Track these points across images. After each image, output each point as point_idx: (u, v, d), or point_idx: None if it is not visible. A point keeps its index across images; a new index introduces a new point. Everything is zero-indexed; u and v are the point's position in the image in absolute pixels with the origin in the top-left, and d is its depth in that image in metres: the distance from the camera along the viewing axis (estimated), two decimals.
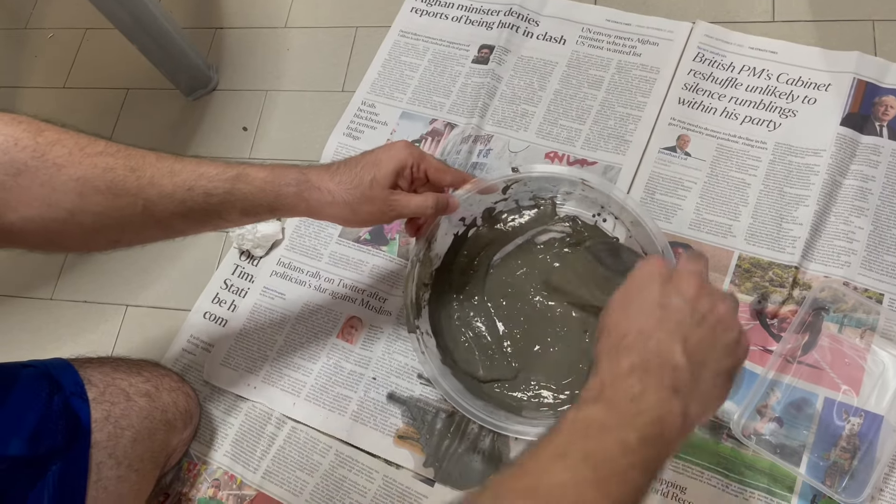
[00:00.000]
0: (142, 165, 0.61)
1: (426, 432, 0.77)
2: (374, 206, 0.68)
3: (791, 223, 0.80)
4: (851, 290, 0.75)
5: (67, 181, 0.58)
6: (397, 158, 0.69)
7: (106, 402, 0.70)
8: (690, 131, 0.88)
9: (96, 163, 0.59)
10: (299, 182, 0.66)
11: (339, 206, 0.67)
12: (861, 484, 0.66)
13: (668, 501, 0.69)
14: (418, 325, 0.75)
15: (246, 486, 0.79)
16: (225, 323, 0.90)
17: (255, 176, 0.65)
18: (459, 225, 0.83)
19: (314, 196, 0.67)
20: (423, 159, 0.71)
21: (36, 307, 1.00)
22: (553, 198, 0.83)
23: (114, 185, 0.59)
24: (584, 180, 0.77)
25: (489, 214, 0.84)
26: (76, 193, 0.58)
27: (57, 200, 0.58)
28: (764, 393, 0.72)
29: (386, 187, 0.68)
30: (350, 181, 0.67)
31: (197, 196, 0.63)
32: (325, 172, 0.68)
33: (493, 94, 0.97)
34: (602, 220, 0.82)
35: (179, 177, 0.62)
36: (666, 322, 0.48)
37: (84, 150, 0.59)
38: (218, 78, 1.11)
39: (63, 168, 0.58)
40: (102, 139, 0.61)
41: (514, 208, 0.84)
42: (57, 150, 0.58)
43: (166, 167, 0.62)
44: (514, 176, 0.79)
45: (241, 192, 0.64)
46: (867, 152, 0.82)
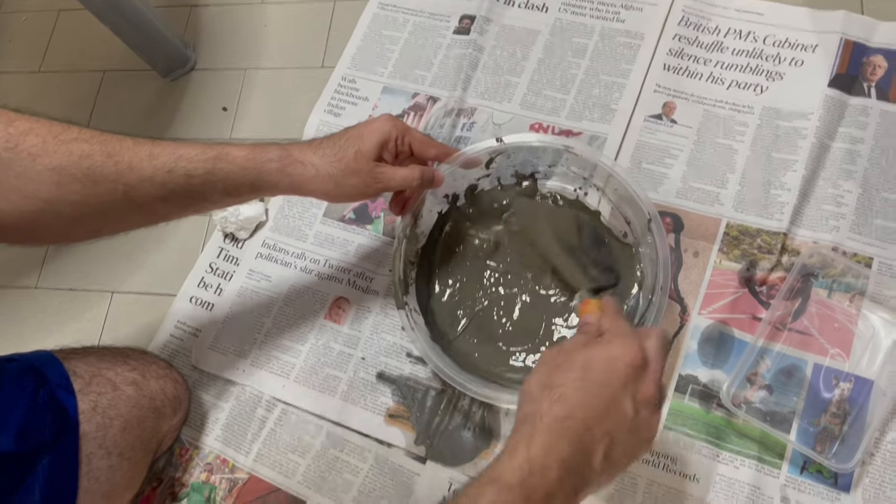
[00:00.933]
0: (119, 150, 0.59)
1: (416, 410, 0.77)
2: (359, 179, 0.67)
3: (779, 189, 0.79)
4: (840, 254, 0.75)
5: (43, 171, 0.56)
6: (381, 131, 0.68)
7: (93, 392, 0.69)
8: (676, 98, 0.87)
9: (72, 150, 0.57)
10: (281, 157, 0.65)
11: (322, 180, 0.66)
12: (851, 449, 0.66)
13: (660, 472, 0.70)
14: (406, 301, 0.75)
15: (238, 469, 0.79)
16: (212, 307, 0.89)
17: (236, 154, 0.64)
18: (443, 202, 0.82)
19: (297, 171, 0.66)
20: (407, 132, 0.70)
21: (20, 296, 0.99)
22: (534, 173, 0.82)
23: (91, 171, 0.58)
24: (567, 147, 0.76)
25: (472, 192, 0.83)
26: (53, 183, 0.57)
27: (34, 191, 0.56)
28: (753, 361, 0.72)
29: (370, 160, 0.67)
30: (334, 154, 0.66)
31: (178, 178, 0.61)
32: (308, 147, 0.67)
33: (475, 65, 0.95)
34: (584, 195, 0.81)
35: (158, 160, 0.61)
36: (608, 420, 0.49)
37: (58, 137, 0.57)
38: (195, 57, 1.09)
39: (38, 157, 0.56)
40: (76, 126, 0.60)
41: (496, 186, 0.83)
42: (30, 140, 0.56)
43: (144, 151, 0.60)
44: (498, 147, 0.77)
45: (223, 171, 0.63)
46: (855, 114, 0.81)
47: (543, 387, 0.51)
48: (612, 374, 0.51)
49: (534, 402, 0.51)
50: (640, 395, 0.51)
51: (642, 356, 0.52)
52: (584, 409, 0.49)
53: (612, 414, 0.50)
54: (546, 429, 0.49)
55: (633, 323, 0.72)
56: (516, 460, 0.48)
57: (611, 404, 0.50)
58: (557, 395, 0.50)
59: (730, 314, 0.75)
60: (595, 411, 0.49)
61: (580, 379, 0.51)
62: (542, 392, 0.51)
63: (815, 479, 0.67)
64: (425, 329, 0.75)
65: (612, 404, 0.50)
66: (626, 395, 0.50)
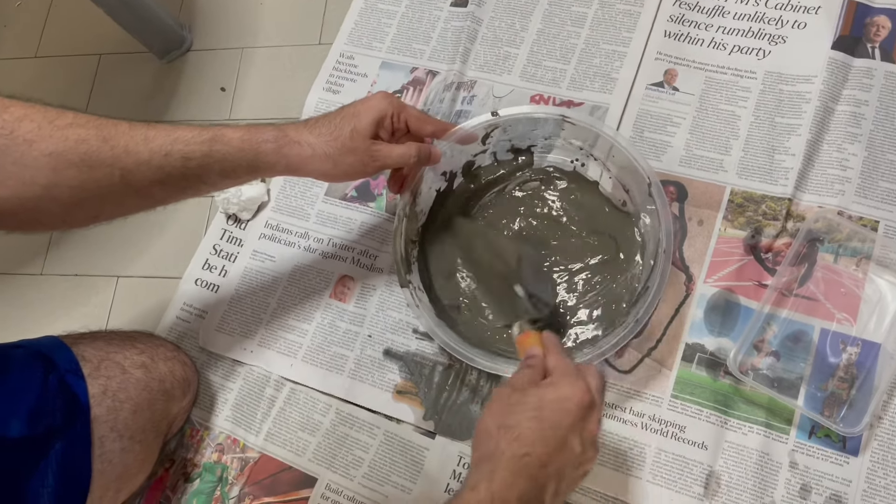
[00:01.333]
0: (114, 135, 0.59)
1: (424, 386, 0.77)
2: (356, 158, 0.67)
3: (783, 154, 0.79)
4: (846, 219, 0.74)
5: (39, 157, 0.56)
6: (377, 108, 0.68)
7: (102, 376, 0.70)
8: (677, 65, 0.86)
9: (67, 135, 0.57)
10: (277, 138, 0.65)
11: (319, 160, 0.66)
12: (860, 413, 0.66)
13: (668, 441, 0.70)
14: (410, 279, 0.74)
15: (249, 448, 0.79)
16: (217, 289, 0.89)
17: (232, 136, 0.64)
18: (441, 180, 0.81)
19: (294, 151, 0.66)
20: (402, 109, 0.70)
21: (27, 283, 0.99)
22: (531, 147, 0.81)
23: (88, 156, 0.58)
24: (564, 116, 0.76)
25: (469, 169, 0.82)
26: (50, 168, 0.57)
27: (31, 177, 0.56)
28: (760, 328, 0.72)
29: (367, 137, 0.67)
30: (330, 133, 0.66)
31: (174, 161, 0.61)
32: (304, 127, 0.67)
33: (473, 37, 0.94)
34: (581, 166, 0.80)
35: (154, 143, 0.60)
36: (560, 457, 0.53)
37: (53, 123, 0.57)
38: (192, 38, 1.08)
39: (34, 143, 0.56)
40: (71, 110, 0.59)
41: (493, 162, 0.83)
42: (25, 126, 0.56)
43: (140, 134, 0.60)
44: (494, 120, 0.77)
45: (219, 153, 0.63)
46: (859, 76, 0.80)
47: (500, 427, 0.54)
48: (563, 414, 0.54)
49: (492, 440, 0.54)
50: (587, 433, 0.55)
51: (590, 397, 0.55)
52: (540, 447, 0.52)
53: (563, 451, 0.53)
54: (506, 466, 0.52)
55: (639, 288, 0.72)
56: (479, 495, 0.50)
57: (562, 443, 0.53)
58: (515, 435, 0.53)
59: (735, 282, 0.74)
60: (549, 449, 0.53)
61: (534, 419, 0.54)
62: (499, 432, 0.54)
63: (824, 443, 0.67)
64: (430, 306, 0.75)
65: (563, 443, 0.53)
66: (574, 434, 0.54)
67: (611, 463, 0.70)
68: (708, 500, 0.67)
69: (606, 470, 0.70)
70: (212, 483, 0.79)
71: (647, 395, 0.72)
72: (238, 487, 0.78)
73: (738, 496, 0.67)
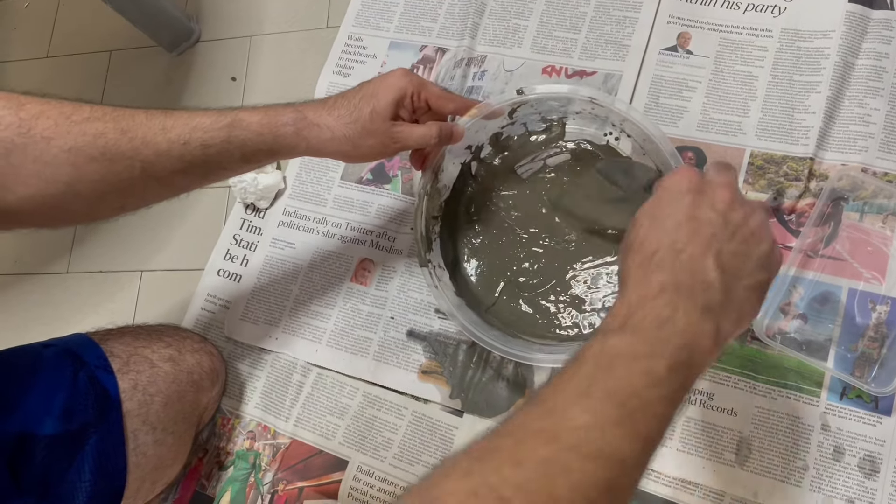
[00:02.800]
0: (132, 126, 0.59)
1: (449, 365, 0.77)
2: (376, 140, 0.65)
3: (803, 113, 0.77)
4: (870, 175, 0.73)
5: (59, 153, 0.56)
6: (396, 87, 0.66)
7: (131, 371, 0.70)
8: (691, 27, 0.84)
9: (85, 130, 0.57)
10: (296, 121, 0.64)
11: (339, 142, 0.65)
12: (891, 372, 0.65)
13: (697, 409, 0.69)
14: (430, 258, 0.74)
15: (280, 434, 0.80)
16: (239, 278, 0.90)
17: (250, 120, 0.63)
18: (466, 153, 0.80)
19: (313, 133, 0.64)
20: (423, 87, 0.68)
21: (53, 282, 1.00)
22: (563, 118, 0.80)
23: (107, 150, 0.58)
24: (593, 99, 0.73)
25: (496, 140, 0.81)
26: (70, 164, 0.56)
27: (52, 174, 0.56)
28: (786, 291, 0.71)
29: (387, 119, 0.65)
30: (349, 115, 0.65)
31: (194, 149, 0.61)
32: (322, 108, 0.66)
33: (481, 11, 0.93)
34: (615, 139, 0.78)
35: (173, 132, 0.60)
36: (698, 235, 0.45)
37: (70, 118, 0.57)
38: (200, 29, 1.08)
39: (52, 140, 0.56)
40: (87, 104, 0.59)
41: (523, 132, 0.81)
42: (42, 123, 0.56)
43: (157, 124, 0.60)
44: (519, 99, 0.75)
45: (239, 138, 0.62)
46: (879, 28, 0.78)
47: (626, 248, 0.48)
48: (674, 202, 0.47)
49: (622, 262, 0.48)
50: (718, 202, 0.47)
51: (695, 174, 0.48)
52: (666, 237, 0.46)
53: (698, 230, 0.45)
54: (632, 274, 0.46)
55: None
56: (614, 311, 0.45)
57: (692, 223, 0.46)
58: (637, 245, 0.47)
59: None
60: (678, 235, 0.45)
61: (651, 221, 0.47)
62: (626, 252, 0.48)
63: (856, 404, 0.66)
64: (450, 284, 0.75)
65: (693, 222, 0.46)
66: (701, 208, 0.46)
67: None
68: (740, 466, 0.67)
69: None
70: (245, 470, 0.80)
71: None
72: (271, 473, 0.79)
73: (770, 461, 0.66)
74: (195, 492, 0.81)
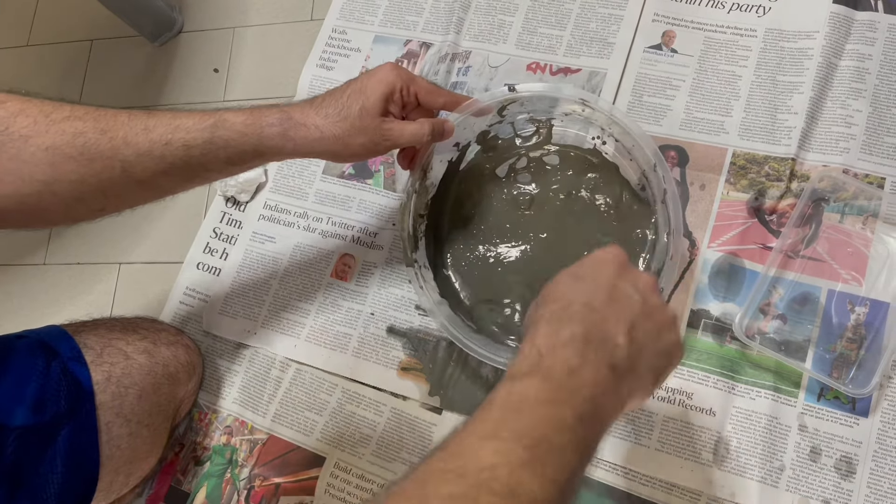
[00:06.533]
0: (113, 126, 0.58)
1: (428, 362, 0.77)
2: (367, 138, 0.63)
3: (786, 113, 0.77)
4: (851, 177, 0.73)
5: (36, 152, 0.55)
6: (385, 82, 0.64)
7: (105, 363, 0.70)
8: (675, 26, 0.84)
9: (64, 129, 0.56)
10: (282, 121, 0.62)
11: (328, 142, 0.63)
12: (869, 373, 0.66)
13: (676, 408, 0.69)
14: (415, 258, 0.74)
15: (257, 430, 0.80)
16: (219, 272, 0.89)
17: (234, 121, 0.61)
18: (453, 151, 0.79)
19: (300, 134, 0.62)
20: (412, 81, 0.66)
21: (30, 273, 0.99)
22: (550, 119, 0.79)
23: (86, 149, 0.56)
24: (584, 101, 0.72)
25: (484, 138, 0.80)
26: (48, 164, 0.56)
27: (29, 173, 0.55)
28: (766, 291, 0.71)
29: (377, 115, 0.63)
30: (337, 113, 0.63)
31: (176, 150, 0.59)
32: (309, 107, 0.64)
33: (467, 6, 0.92)
34: (602, 143, 0.78)
35: (154, 132, 0.59)
36: (615, 303, 0.46)
37: (49, 116, 0.56)
38: (182, 19, 1.07)
39: (30, 139, 0.55)
40: (68, 103, 0.58)
41: (511, 134, 0.81)
42: (21, 121, 0.55)
43: (139, 124, 0.59)
44: (510, 96, 0.74)
45: (222, 139, 0.60)
46: (862, 29, 0.78)
47: (539, 303, 0.49)
48: (600, 267, 0.49)
49: (531, 314, 0.49)
50: (641, 283, 0.48)
51: (624, 255, 0.50)
52: (584, 295, 0.47)
53: (616, 299, 0.47)
54: (547, 321, 0.46)
55: None
56: (523, 355, 0.45)
57: (611, 290, 0.47)
58: (552, 298, 0.48)
59: (740, 245, 0.73)
60: (596, 296, 0.47)
61: (572, 280, 0.49)
62: (537, 307, 0.49)
63: (833, 405, 0.67)
64: (434, 285, 0.74)
65: (612, 290, 0.47)
66: (623, 282, 0.48)
67: (618, 432, 0.70)
68: (717, 467, 0.67)
69: (613, 439, 0.70)
70: (222, 465, 0.79)
71: None
72: (248, 469, 0.78)
73: (748, 461, 0.66)
74: (171, 486, 0.80)
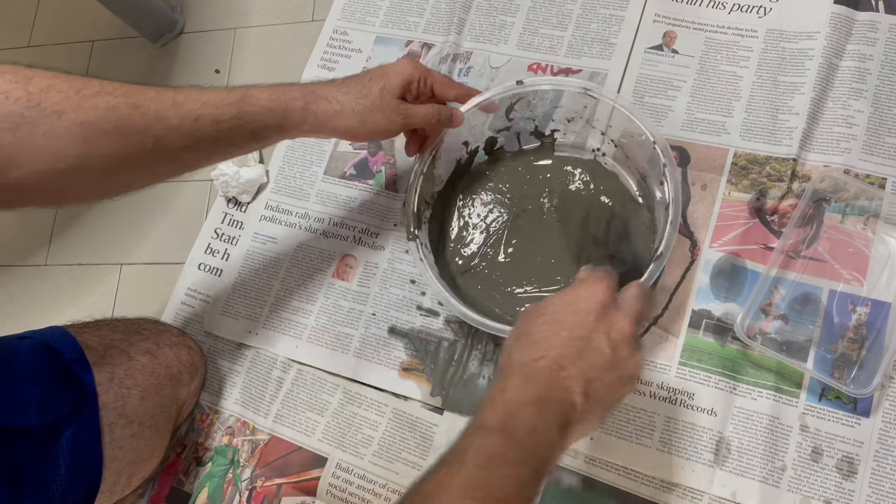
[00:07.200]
0: (143, 101, 0.58)
1: (430, 362, 0.77)
2: (384, 115, 0.68)
3: (787, 113, 0.77)
4: (852, 177, 0.73)
5: (71, 127, 0.54)
6: (405, 73, 0.70)
7: (108, 364, 0.70)
8: (676, 27, 0.84)
9: (97, 104, 0.55)
10: (305, 95, 0.66)
11: (347, 116, 0.67)
12: (870, 373, 0.66)
13: (677, 409, 0.69)
14: (418, 235, 0.74)
15: (259, 430, 0.80)
16: (220, 273, 0.89)
17: (260, 96, 0.64)
18: (462, 150, 0.80)
19: (321, 107, 0.66)
20: (429, 74, 0.72)
21: (31, 274, 0.99)
22: (553, 133, 0.80)
23: (119, 124, 0.56)
24: (586, 89, 0.74)
25: (491, 146, 0.82)
26: (83, 139, 0.55)
27: (64, 148, 0.55)
28: (767, 292, 0.71)
29: (395, 97, 0.69)
30: (359, 91, 0.68)
31: (205, 125, 0.61)
32: (331, 85, 0.68)
33: (468, 7, 0.92)
34: (602, 154, 0.79)
35: (184, 108, 0.60)
36: (582, 359, 0.50)
37: (80, 92, 0.55)
38: (184, 20, 1.07)
39: (63, 114, 0.54)
40: (96, 79, 0.57)
41: (516, 147, 0.82)
42: (52, 97, 0.54)
43: (168, 99, 0.59)
44: (519, 90, 0.75)
45: (248, 113, 0.63)
46: (864, 30, 0.78)
47: (517, 338, 0.53)
48: (580, 314, 0.52)
49: (507, 352, 0.53)
50: (615, 332, 0.52)
51: (610, 294, 0.53)
52: (555, 349, 0.51)
53: (585, 352, 0.51)
54: (518, 372, 0.51)
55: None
56: (494, 405, 0.49)
57: (583, 343, 0.51)
58: (528, 342, 0.52)
59: (741, 245, 0.73)
60: (566, 350, 0.50)
61: (548, 323, 0.52)
62: (515, 342, 0.53)
63: (835, 405, 0.67)
64: (436, 268, 0.74)
65: (584, 343, 0.51)
66: (598, 333, 0.51)
67: (619, 432, 0.70)
68: (718, 467, 0.67)
69: (615, 439, 0.70)
70: (224, 466, 0.79)
71: (654, 364, 0.71)
72: (249, 469, 0.78)
73: (749, 461, 0.66)
74: (172, 487, 0.80)
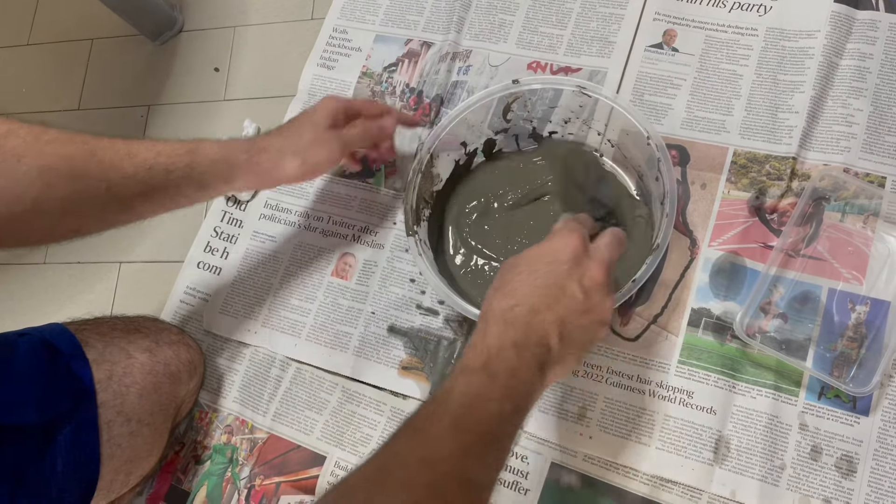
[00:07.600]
0: (99, 149, 0.61)
1: (429, 361, 0.77)
2: (322, 146, 0.71)
3: (787, 112, 0.77)
4: (852, 176, 0.73)
5: (30, 170, 0.57)
6: (329, 106, 0.73)
7: (106, 361, 0.70)
8: (676, 25, 0.84)
9: (56, 150, 0.59)
10: (249, 148, 0.69)
11: (288, 159, 0.70)
12: (869, 372, 0.65)
13: (676, 407, 0.69)
14: (417, 230, 0.74)
15: (258, 429, 0.80)
16: (219, 271, 0.89)
17: (210, 148, 0.67)
18: (460, 150, 0.80)
19: (263, 158, 0.69)
20: (350, 101, 0.76)
21: (30, 273, 0.99)
22: (551, 134, 0.80)
23: (75, 170, 0.60)
24: (581, 87, 0.74)
25: (490, 150, 0.82)
26: (43, 182, 0.58)
27: (22, 192, 0.57)
28: (766, 290, 0.71)
29: (327, 128, 0.72)
30: (294, 133, 0.72)
31: (157, 174, 0.64)
32: (271, 135, 0.72)
33: (468, 6, 0.92)
34: (600, 156, 0.79)
35: (138, 157, 0.63)
36: (557, 304, 0.53)
37: (39, 138, 0.59)
38: (183, 18, 1.07)
39: (23, 158, 0.57)
40: (52, 127, 0.61)
41: (515, 148, 0.82)
42: (12, 142, 0.57)
43: (123, 150, 0.63)
44: (514, 89, 0.76)
45: (199, 164, 0.66)
46: (864, 28, 0.78)
47: (496, 288, 0.56)
48: (554, 263, 0.55)
49: (488, 301, 0.55)
50: (587, 279, 0.55)
51: (582, 244, 0.56)
52: (530, 297, 0.53)
53: (560, 299, 0.54)
54: (496, 319, 0.53)
55: None
56: (476, 350, 0.52)
57: (557, 290, 0.54)
58: (505, 291, 0.55)
59: (741, 244, 0.73)
60: (541, 298, 0.53)
61: (524, 272, 0.55)
62: (495, 293, 0.56)
63: (834, 404, 0.67)
64: (435, 265, 0.75)
65: (558, 290, 0.54)
66: (571, 280, 0.54)
67: (618, 430, 0.70)
68: (718, 465, 0.67)
69: (614, 437, 0.70)
70: (222, 464, 0.79)
71: (653, 362, 0.71)
72: (248, 468, 0.78)
73: (748, 459, 0.66)
74: (171, 486, 0.80)
